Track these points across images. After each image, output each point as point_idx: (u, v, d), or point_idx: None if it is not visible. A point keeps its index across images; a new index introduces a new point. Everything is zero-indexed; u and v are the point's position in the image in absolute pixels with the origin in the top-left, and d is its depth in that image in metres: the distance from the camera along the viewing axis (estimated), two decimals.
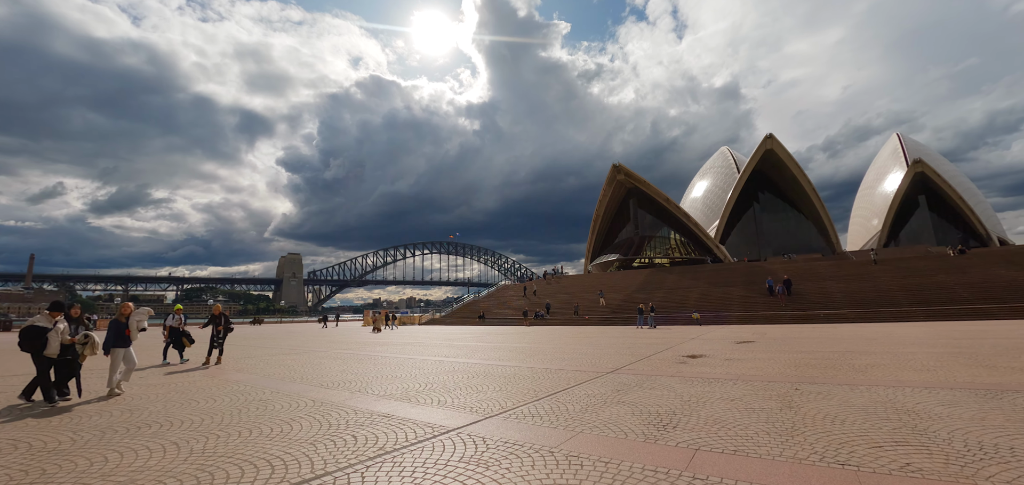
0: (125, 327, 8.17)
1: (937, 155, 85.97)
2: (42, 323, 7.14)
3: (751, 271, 44.39)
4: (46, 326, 7.12)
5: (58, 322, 7.25)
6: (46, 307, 7.47)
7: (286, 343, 20.95)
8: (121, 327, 8.13)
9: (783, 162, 65.36)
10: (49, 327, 7.13)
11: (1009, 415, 5.18)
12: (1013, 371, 8.10)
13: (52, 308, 7.39)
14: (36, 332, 7.04)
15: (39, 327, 7.09)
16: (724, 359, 11.13)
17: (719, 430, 4.99)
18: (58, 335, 7.14)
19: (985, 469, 3.63)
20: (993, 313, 24.83)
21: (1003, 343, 12.49)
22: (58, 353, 7.15)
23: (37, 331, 7.05)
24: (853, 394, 6.64)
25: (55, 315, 7.31)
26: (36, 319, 7.21)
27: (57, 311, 7.39)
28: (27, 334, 7.00)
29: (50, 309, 7.37)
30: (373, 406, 6.67)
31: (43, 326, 7.11)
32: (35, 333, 7.03)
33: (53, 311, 7.35)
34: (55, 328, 7.15)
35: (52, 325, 7.17)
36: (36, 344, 7.00)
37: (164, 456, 4.47)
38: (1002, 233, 76.64)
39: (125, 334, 8.11)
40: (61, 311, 7.46)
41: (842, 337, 16.37)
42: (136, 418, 6.09)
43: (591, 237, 70.96)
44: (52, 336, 7.06)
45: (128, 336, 8.14)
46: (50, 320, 7.21)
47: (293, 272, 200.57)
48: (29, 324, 7.12)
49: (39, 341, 7.01)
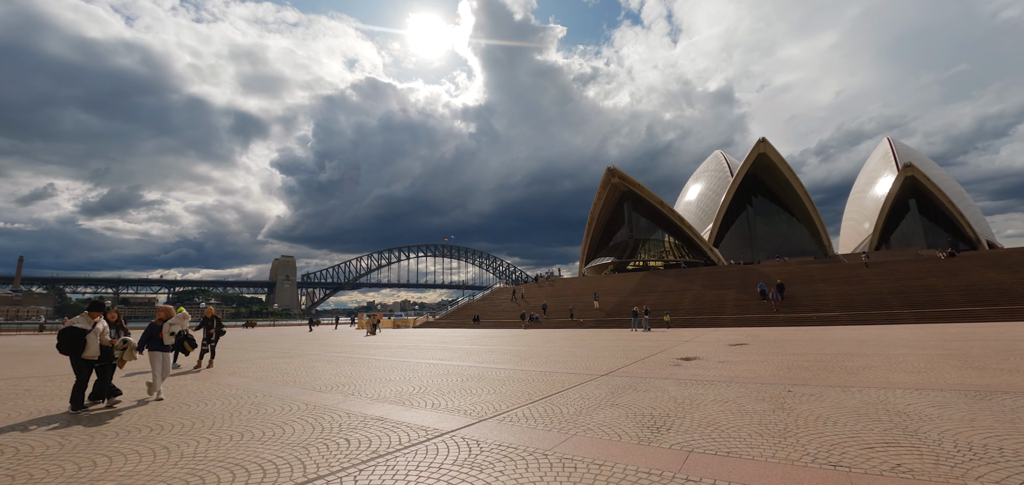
0: (160, 331, 7.80)
1: (927, 159, 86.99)
2: (81, 324, 6.77)
3: (745, 274, 44.64)
4: (85, 328, 6.75)
5: (98, 323, 6.91)
6: (85, 307, 7.08)
7: (279, 346, 20.80)
8: (156, 330, 7.78)
9: (776, 166, 65.88)
10: (88, 329, 6.76)
11: (998, 416, 5.24)
12: (1002, 373, 8.19)
13: (91, 308, 6.99)
14: (75, 334, 6.66)
15: (78, 329, 6.71)
16: (717, 361, 11.18)
17: (712, 432, 5.01)
18: (98, 337, 6.80)
19: (975, 469, 3.67)
20: (982, 315, 25.11)
21: (992, 345, 12.63)
22: (98, 356, 6.81)
23: (76, 333, 6.67)
24: (845, 396, 6.69)
25: (94, 316, 6.93)
26: (75, 320, 6.84)
27: (96, 312, 6.99)
28: (66, 336, 6.63)
29: (89, 309, 6.97)
30: (366, 409, 6.64)
31: (82, 328, 6.73)
32: (74, 335, 6.66)
33: (92, 312, 6.95)
34: (95, 330, 6.79)
35: (91, 326, 6.80)
36: (75, 346, 6.63)
37: (154, 460, 4.42)
38: (991, 237, 77.60)
39: (159, 337, 7.75)
40: (101, 312, 7.08)
41: (834, 339, 16.49)
42: (126, 422, 6.02)
43: (586, 240, 71.12)
44: (91, 338, 6.70)
45: (162, 340, 7.77)
46: (89, 321, 6.84)
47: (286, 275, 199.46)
48: (68, 325, 6.75)
49: (78, 343, 6.64)
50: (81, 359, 6.69)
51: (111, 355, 7.04)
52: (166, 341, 7.81)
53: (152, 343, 7.71)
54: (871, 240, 71.34)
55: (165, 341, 7.80)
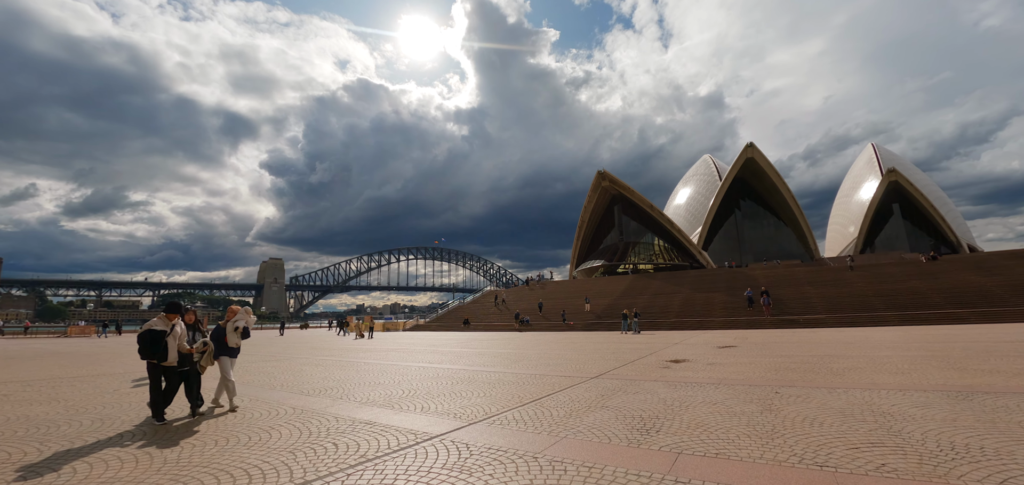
0: (225, 334, 7.16)
1: (910, 165, 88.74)
2: (160, 327, 6.21)
3: (733, 277, 45.09)
4: (164, 330, 6.21)
5: (176, 326, 6.36)
6: (162, 309, 6.50)
7: (266, 349, 20.54)
8: (222, 334, 7.13)
9: (763, 170, 66.71)
10: (167, 332, 6.22)
11: (979, 416, 5.34)
12: (983, 373, 8.36)
13: (168, 310, 6.42)
14: (155, 337, 6.10)
15: (158, 331, 6.14)
16: (706, 363, 11.26)
17: (701, 433, 5.04)
18: (176, 341, 6.28)
19: (957, 468, 3.73)
20: (963, 317, 25.63)
21: (973, 346, 12.89)
22: (177, 363, 6.27)
23: (156, 336, 6.11)
24: (831, 397, 6.78)
25: (172, 317, 6.37)
26: (153, 323, 6.24)
27: (174, 313, 6.42)
28: (146, 340, 6.06)
29: (166, 311, 6.41)
30: (355, 413, 6.57)
31: (161, 330, 6.17)
32: (154, 338, 6.10)
33: (169, 313, 6.39)
34: (173, 333, 6.26)
35: (169, 329, 6.26)
36: (158, 350, 6.09)
37: (136, 466, 4.33)
38: (971, 240, 79.34)
39: (224, 341, 7.12)
40: (178, 313, 6.51)
41: (820, 341, 16.71)
42: (107, 428, 5.89)
43: (576, 243, 71.33)
44: (170, 342, 6.17)
45: (227, 343, 7.14)
46: (167, 323, 6.28)
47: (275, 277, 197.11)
48: (147, 328, 6.17)
49: (161, 347, 6.10)
50: (161, 367, 6.15)
51: (190, 361, 6.51)
52: (231, 342, 7.18)
53: (221, 348, 7.07)
54: (856, 243, 72.51)
55: (230, 343, 7.17)
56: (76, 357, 17.34)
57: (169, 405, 6.34)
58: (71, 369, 12.94)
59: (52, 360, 16.12)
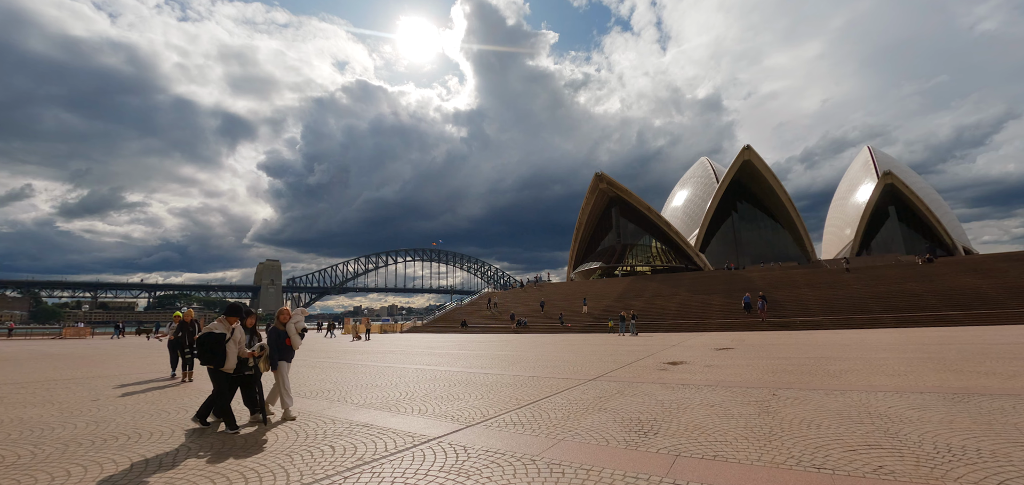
0: (286, 336, 6.73)
1: (906, 167, 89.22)
2: (220, 330, 5.92)
3: (731, 279, 45.19)
4: (225, 334, 5.91)
5: (235, 330, 6.06)
6: (222, 312, 6.23)
7: None
8: (282, 336, 6.70)
9: (760, 173, 66.95)
10: (228, 336, 5.93)
11: (975, 418, 5.36)
12: (979, 375, 8.40)
13: (228, 313, 6.16)
14: (216, 340, 5.83)
15: (218, 335, 5.87)
16: (704, 366, 11.27)
17: (699, 436, 5.04)
18: (236, 346, 5.99)
19: (954, 470, 3.74)
20: (959, 320, 25.76)
21: (969, 348, 12.95)
22: (235, 368, 6.00)
23: (217, 340, 5.83)
24: (828, 399, 6.79)
25: (232, 321, 6.07)
26: (213, 326, 5.97)
27: (234, 316, 6.12)
28: (206, 343, 5.80)
29: (226, 314, 6.14)
30: (352, 415, 6.54)
31: (222, 334, 5.89)
32: (215, 341, 5.83)
33: (229, 316, 6.11)
34: (233, 337, 5.97)
35: (230, 333, 5.98)
36: (217, 355, 5.82)
37: (130, 469, 4.30)
38: (967, 243, 79.74)
39: (285, 344, 6.72)
40: (238, 316, 6.19)
41: (817, 343, 16.76)
42: (102, 430, 5.86)
43: (574, 245, 71.37)
44: (230, 347, 5.90)
45: (289, 346, 6.76)
46: (227, 327, 5.99)
47: (272, 279, 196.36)
48: (207, 331, 5.91)
49: (220, 351, 5.83)
50: (221, 372, 5.87)
51: (246, 365, 6.20)
52: (295, 344, 6.80)
53: (281, 352, 6.66)
54: (852, 246, 72.81)
55: (294, 345, 6.80)
56: (71, 359, 17.23)
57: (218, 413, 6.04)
58: (66, 371, 12.86)
59: (46, 362, 16.02)
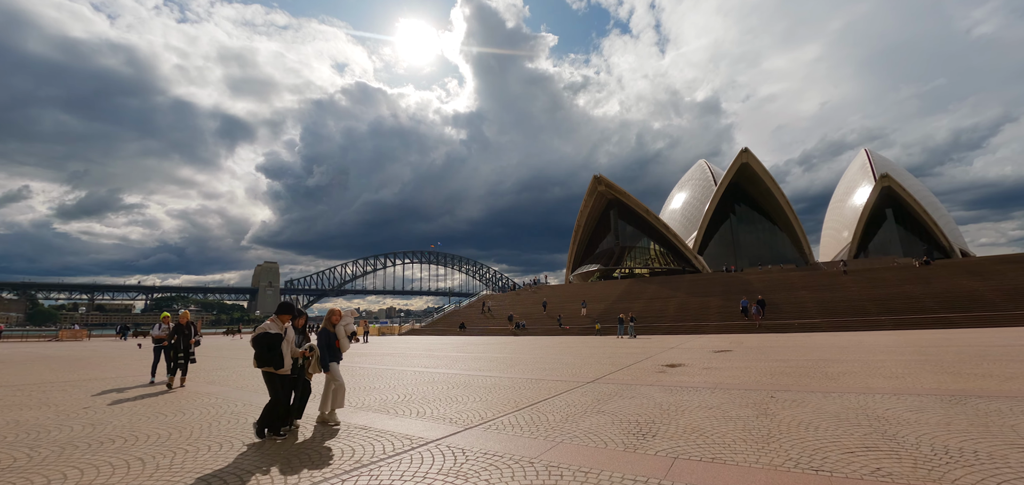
0: (335, 338, 6.45)
1: (903, 170, 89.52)
2: (275, 330, 5.55)
3: (729, 281, 45.27)
4: (280, 334, 5.56)
5: (288, 329, 5.74)
6: (275, 311, 5.87)
7: None
8: (331, 338, 6.40)
9: (758, 175, 67.13)
10: (282, 335, 5.58)
11: (973, 420, 5.37)
12: (976, 377, 8.42)
13: (280, 311, 5.80)
14: (272, 342, 5.45)
15: (274, 334, 5.49)
16: (702, 368, 11.28)
17: (697, 438, 5.04)
18: (290, 346, 5.67)
19: (951, 472, 3.75)
20: (956, 322, 25.85)
21: (966, 351, 12.99)
22: (290, 370, 5.67)
23: (274, 339, 5.47)
24: (826, 401, 6.80)
25: (284, 319, 5.73)
26: (267, 326, 5.55)
27: (286, 315, 5.79)
28: (263, 343, 5.42)
29: (278, 313, 5.78)
30: (350, 418, 6.53)
31: (277, 334, 5.52)
32: (271, 344, 5.44)
33: (281, 315, 5.76)
34: (286, 337, 5.64)
35: (283, 333, 5.63)
36: (276, 357, 5.45)
37: (128, 472, 4.28)
38: (964, 245, 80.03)
39: (335, 345, 6.43)
40: (290, 316, 5.86)
41: (815, 346, 16.79)
42: (99, 432, 5.83)
43: (572, 247, 71.42)
44: (285, 347, 5.55)
45: (338, 349, 6.48)
46: (281, 326, 5.64)
47: (269, 281, 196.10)
48: (262, 331, 5.50)
49: (277, 354, 5.45)
50: (277, 375, 5.53)
51: (297, 368, 5.91)
52: (344, 347, 6.54)
53: (332, 354, 6.37)
54: (850, 248, 73.00)
55: (343, 348, 6.53)
56: (67, 361, 17.16)
57: (287, 420, 5.71)
58: (62, 374, 12.80)
59: (42, 364, 15.95)
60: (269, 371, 5.49)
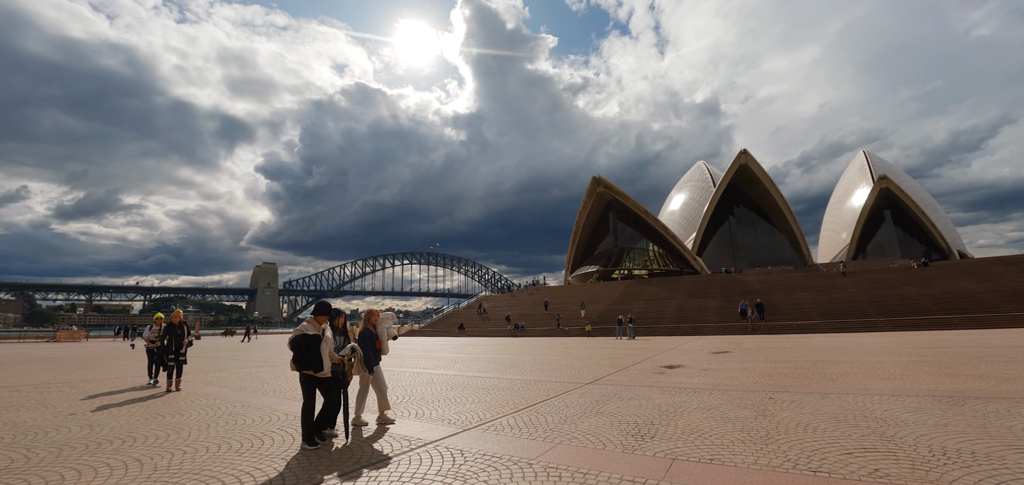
0: (376, 339, 6.25)
1: (901, 172, 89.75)
2: (313, 332, 5.31)
3: (727, 283, 45.30)
4: (319, 336, 5.33)
5: (326, 331, 5.49)
6: (311, 312, 5.66)
7: (258, 355, 20.38)
8: (373, 339, 6.18)
9: (757, 177, 67.22)
10: (320, 336, 5.35)
11: (970, 421, 5.38)
12: (974, 379, 8.43)
13: (317, 312, 5.53)
14: (312, 343, 5.23)
15: (313, 336, 5.26)
16: (701, 369, 11.29)
17: (696, 439, 5.04)
18: (329, 348, 5.43)
19: (949, 473, 3.76)
20: (954, 323, 25.89)
21: (964, 352, 13.01)
22: (330, 374, 5.43)
23: (313, 341, 5.24)
24: (824, 402, 6.81)
25: (321, 320, 5.47)
26: (304, 327, 5.33)
27: (324, 316, 5.52)
28: (301, 346, 5.20)
29: (315, 313, 5.53)
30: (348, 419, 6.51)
31: (316, 335, 5.29)
32: (310, 345, 5.22)
33: (319, 315, 5.49)
34: (325, 338, 5.42)
35: (321, 334, 5.39)
36: (314, 360, 5.22)
37: (125, 473, 4.27)
38: (962, 247, 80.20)
39: (376, 347, 6.23)
40: (328, 315, 5.60)
41: (813, 347, 16.81)
42: (96, 434, 5.81)
43: (571, 248, 71.45)
44: (323, 349, 5.33)
45: (379, 350, 6.30)
46: (318, 327, 5.39)
47: (268, 282, 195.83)
48: (300, 333, 5.28)
49: (317, 356, 5.23)
50: (315, 378, 5.31)
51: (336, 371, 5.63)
52: (385, 349, 6.37)
53: (373, 355, 6.15)
54: (848, 250, 73.15)
55: (384, 350, 6.36)
56: (65, 362, 17.12)
57: (333, 425, 5.58)
58: (60, 375, 12.77)
59: (40, 365, 15.90)
60: (308, 374, 5.28)
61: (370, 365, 6.02)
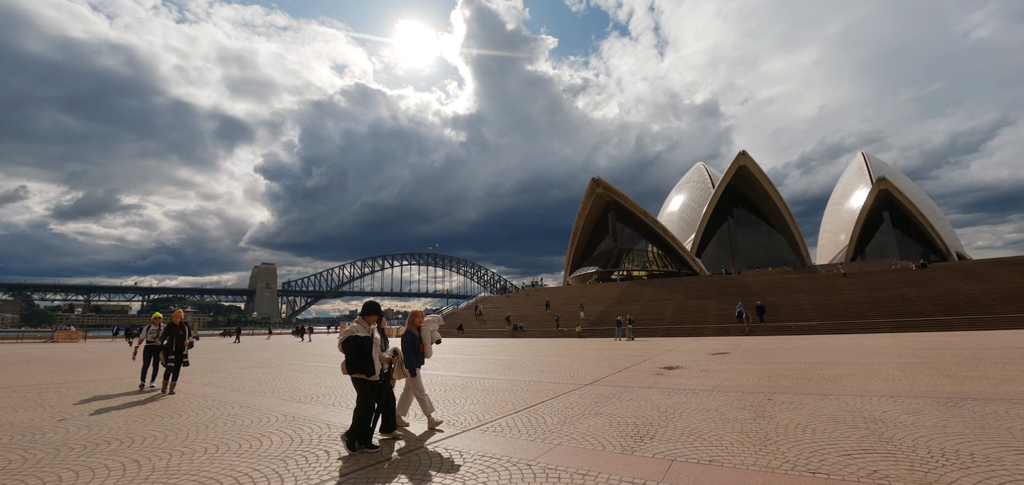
0: (420, 341, 6.06)
1: (900, 173, 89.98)
2: (363, 333, 5.10)
3: (726, 284, 45.34)
4: (370, 336, 5.13)
5: (375, 331, 5.29)
6: (359, 312, 5.41)
7: (257, 355, 20.35)
8: (416, 341, 6.00)
9: (756, 178, 67.34)
10: (371, 339, 5.15)
11: (969, 422, 5.39)
12: (972, 380, 8.44)
13: (366, 312, 5.29)
14: (365, 345, 5.04)
15: (365, 338, 5.07)
16: (700, 370, 11.29)
17: (695, 440, 5.04)
18: (378, 350, 5.26)
19: (947, 475, 3.76)
20: (952, 325, 25.93)
21: (962, 353, 13.03)
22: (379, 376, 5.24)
23: (365, 343, 5.05)
24: (823, 404, 6.81)
25: (370, 320, 5.26)
26: (354, 329, 5.10)
27: (372, 316, 5.29)
28: (354, 348, 5.00)
29: (364, 314, 5.28)
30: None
31: (367, 338, 5.09)
32: (364, 346, 5.04)
33: (368, 316, 5.26)
34: (375, 341, 5.22)
35: (372, 335, 5.19)
36: (368, 363, 5.04)
37: (123, 474, 4.26)
38: (960, 248, 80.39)
39: (420, 349, 6.03)
40: (377, 316, 5.37)
41: (812, 348, 16.82)
42: (94, 434, 5.80)
43: (571, 249, 71.49)
44: (374, 352, 5.16)
45: (422, 352, 6.09)
46: (368, 328, 5.19)
47: (267, 283, 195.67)
48: (350, 335, 5.05)
49: (370, 358, 5.06)
50: (368, 382, 5.11)
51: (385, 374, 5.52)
52: (429, 352, 6.17)
53: (415, 358, 5.98)
54: (847, 251, 73.29)
55: (428, 353, 6.15)
56: (63, 363, 17.08)
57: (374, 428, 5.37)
58: (58, 375, 12.74)
59: (38, 366, 15.86)
60: (361, 377, 5.08)
61: (412, 368, 5.89)
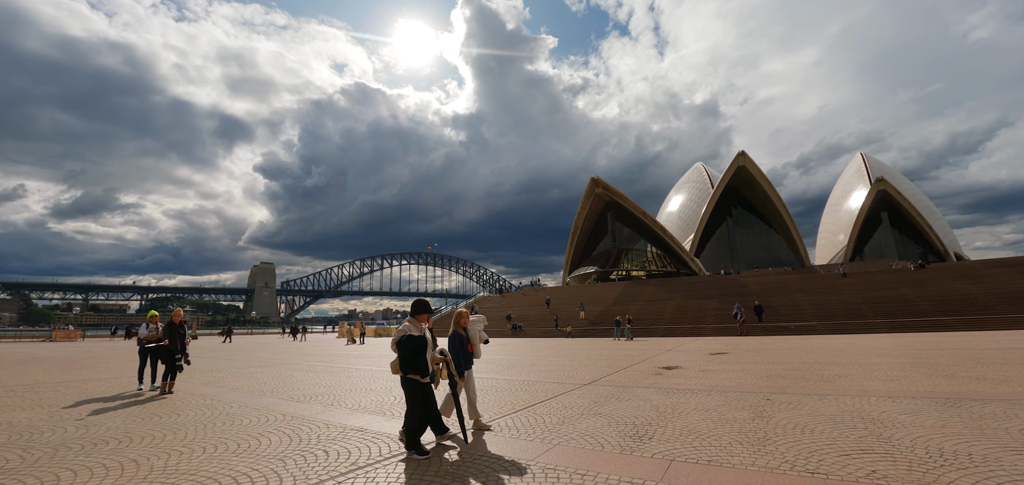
0: (467, 341, 5.89)
1: (898, 174, 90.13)
2: (416, 332, 5.00)
3: (725, 284, 45.37)
4: (423, 336, 5.03)
5: (427, 331, 5.17)
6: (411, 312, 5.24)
7: (256, 355, 20.33)
8: (464, 341, 5.83)
9: (755, 178, 67.40)
10: (425, 338, 5.05)
11: (967, 423, 5.40)
12: (970, 380, 8.46)
13: (416, 311, 5.18)
14: (420, 344, 4.94)
15: (419, 337, 4.96)
16: (699, 370, 11.30)
17: (694, 440, 5.04)
18: (430, 351, 5.15)
19: (945, 475, 3.77)
20: (950, 325, 25.98)
21: (960, 354, 13.05)
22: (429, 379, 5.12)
23: (420, 343, 4.94)
24: (822, 404, 6.82)
25: (422, 320, 5.15)
26: (407, 328, 5.01)
27: (424, 314, 5.19)
28: (409, 347, 4.89)
29: (415, 312, 5.18)
30: (346, 420, 6.50)
31: (421, 337, 4.99)
32: (419, 346, 4.93)
33: (419, 315, 5.16)
34: (428, 342, 5.12)
35: (424, 335, 5.07)
36: (422, 364, 4.93)
37: (122, 474, 4.25)
38: (958, 249, 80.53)
39: (468, 350, 5.86)
40: (428, 314, 5.25)
41: (811, 348, 16.84)
42: (92, 434, 5.79)
43: (570, 249, 71.48)
44: (427, 352, 5.08)
45: (471, 353, 5.93)
46: (420, 327, 5.08)
47: (265, 282, 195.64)
48: (404, 335, 4.96)
49: (423, 359, 4.96)
50: (419, 383, 4.96)
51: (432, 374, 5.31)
52: (478, 352, 6.05)
53: (465, 359, 5.80)
54: (846, 251, 73.36)
55: (476, 353, 6.02)
56: (61, 362, 17.05)
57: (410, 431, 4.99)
58: (55, 375, 12.71)
59: (36, 365, 15.83)
60: (414, 378, 4.93)
61: (461, 370, 5.68)
